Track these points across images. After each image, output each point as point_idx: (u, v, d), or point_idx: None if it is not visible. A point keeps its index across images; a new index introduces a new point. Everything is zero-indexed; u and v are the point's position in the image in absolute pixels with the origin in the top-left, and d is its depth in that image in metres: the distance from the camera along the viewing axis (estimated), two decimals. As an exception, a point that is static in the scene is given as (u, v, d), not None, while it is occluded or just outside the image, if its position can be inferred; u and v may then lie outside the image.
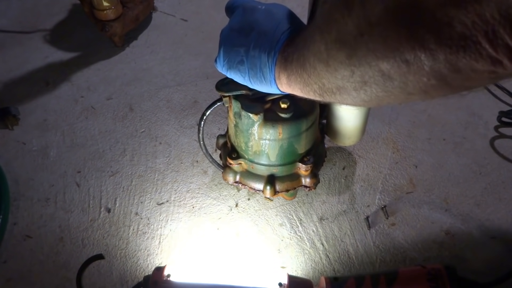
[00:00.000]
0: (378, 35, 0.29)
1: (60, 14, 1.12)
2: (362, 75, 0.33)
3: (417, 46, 0.27)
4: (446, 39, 0.25)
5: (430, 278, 0.53)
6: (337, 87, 0.37)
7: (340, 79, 0.36)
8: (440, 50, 0.26)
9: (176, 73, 0.96)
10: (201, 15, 1.10)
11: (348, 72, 0.34)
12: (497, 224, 0.68)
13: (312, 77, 0.40)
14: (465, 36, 0.24)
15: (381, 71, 0.31)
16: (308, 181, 0.65)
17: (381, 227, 0.69)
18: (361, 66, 0.33)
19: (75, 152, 0.81)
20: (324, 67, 0.37)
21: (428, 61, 0.27)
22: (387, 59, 0.30)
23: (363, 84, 0.34)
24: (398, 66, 0.30)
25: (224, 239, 0.68)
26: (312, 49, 0.38)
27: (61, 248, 0.68)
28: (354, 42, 0.32)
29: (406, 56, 0.28)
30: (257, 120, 0.57)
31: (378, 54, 0.30)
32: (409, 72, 0.29)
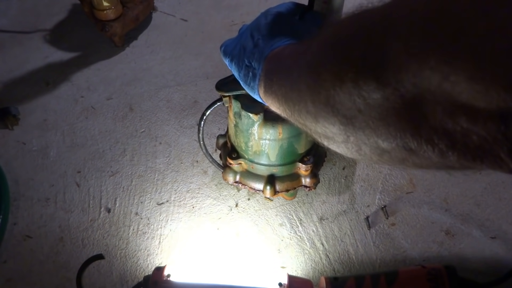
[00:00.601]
0: (378, 119, 0.26)
1: (60, 14, 1.12)
2: (358, 142, 0.29)
3: (424, 144, 0.24)
4: (461, 146, 0.22)
5: (430, 278, 0.53)
6: (325, 136, 0.33)
7: (330, 134, 0.32)
8: (452, 153, 0.23)
9: (176, 73, 0.96)
10: (201, 15, 1.10)
11: (343, 136, 0.30)
12: (497, 224, 0.68)
13: (295, 115, 0.35)
14: (483, 149, 0.22)
15: (379, 147, 0.28)
16: (308, 181, 0.65)
17: (381, 227, 0.69)
18: (357, 135, 0.29)
19: (75, 152, 0.81)
20: (312, 120, 0.32)
21: (436, 157, 0.24)
22: (388, 141, 0.26)
23: (357, 147, 0.30)
24: (399, 151, 0.26)
25: (224, 239, 0.68)
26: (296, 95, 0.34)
27: (61, 248, 0.68)
28: (350, 115, 0.27)
29: (410, 145, 0.25)
30: (257, 120, 0.57)
31: (378, 133, 0.27)
32: (412, 156, 0.26)
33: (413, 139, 0.24)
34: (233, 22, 1.07)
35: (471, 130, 0.21)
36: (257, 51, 0.45)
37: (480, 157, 0.22)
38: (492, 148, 0.21)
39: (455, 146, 0.23)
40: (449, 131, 0.22)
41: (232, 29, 1.04)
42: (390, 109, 0.24)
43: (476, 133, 0.21)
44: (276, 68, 0.41)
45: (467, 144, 0.22)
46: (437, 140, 0.23)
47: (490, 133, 0.21)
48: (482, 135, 0.21)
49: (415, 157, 0.26)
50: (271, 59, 0.42)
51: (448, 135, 0.22)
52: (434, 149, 0.24)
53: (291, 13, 0.51)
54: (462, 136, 0.22)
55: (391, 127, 0.25)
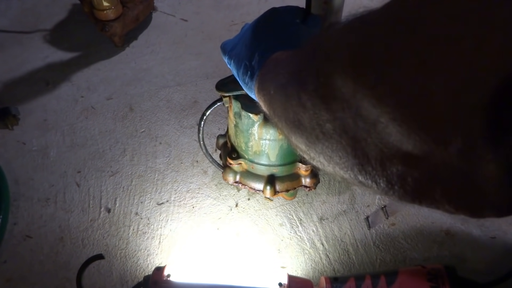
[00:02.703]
0: (332, 150, 0.26)
1: (60, 14, 1.12)
2: (321, 163, 0.30)
3: (370, 180, 0.25)
4: (398, 187, 0.23)
5: (430, 278, 0.53)
6: (299, 149, 0.33)
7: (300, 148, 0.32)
8: (393, 193, 0.24)
9: (176, 73, 0.96)
10: (201, 15, 1.10)
11: (308, 156, 0.31)
12: (497, 224, 0.68)
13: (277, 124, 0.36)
14: (419, 191, 0.22)
15: (339, 174, 0.28)
16: (308, 181, 0.65)
17: (381, 227, 0.69)
18: (319, 159, 0.29)
19: (75, 152, 0.81)
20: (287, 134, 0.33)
21: (382, 194, 0.25)
22: (343, 171, 0.27)
23: (322, 167, 0.31)
24: (353, 181, 0.27)
25: (224, 239, 0.68)
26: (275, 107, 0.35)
27: (61, 248, 0.68)
28: (311, 140, 0.28)
29: (359, 179, 0.26)
30: (257, 120, 0.57)
31: (334, 161, 0.27)
32: (365, 188, 0.27)
33: (360, 174, 0.25)
34: (233, 22, 1.07)
35: (406, 172, 0.22)
36: (258, 52, 0.45)
37: (418, 199, 0.23)
38: (426, 189, 0.22)
39: (394, 187, 0.23)
40: (387, 173, 0.23)
41: (232, 29, 1.04)
42: (339, 143, 0.25)
43: (410, 175, 0.22)
44: (269, 71, 0.41)
45: (404, 186, 0.23)
46: (379, 180, 0.24)
47: (423, 174, 0.21)
48: (415, 177, 0.22)
49: (368, 189, 0.27)
50: (270, 61, 0.43)
51: (387, 177, 0.23)
52: (378, 187, 0.24)
53: (294, 16, 0.51)
54: (398, 178, 0.22)
55: (342, 159, 0.26)
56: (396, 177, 0.23)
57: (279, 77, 0.35)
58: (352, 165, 0.25)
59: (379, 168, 0.23)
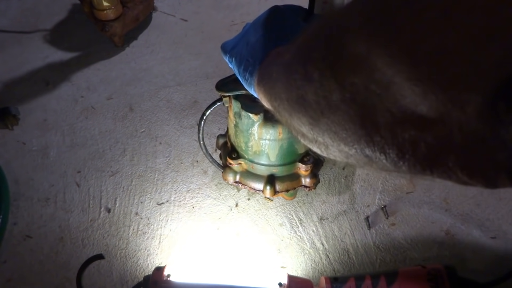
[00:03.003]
0: (337, 123, 0.26)
1: (60, 14, 1.12)
2: (325, 143, 0.29)
3: (378, 152, 0.24)
4: (410, 156, 0.22)
5: (430, 278, 0.53)
6: (301, 134, 0.33)
7: (303, 132, 0.32)
8: (403, 163, 0.23)
9: (176, 73, 0.96)
10: (201, 15, 1.10)
11: (311, 136, 0.30)
12: (497, 224, 0.68)
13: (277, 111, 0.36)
14: (432, 158, 0.21)
15: (343, 151, 0.28)
16: (308, 181, 0.65)
17: (381, 227, 0.69)
18: (324, 137, 0.29)
19: (75, 152, 0.81)
20: (288, 117, 0.33)
21: (390, 166, 0.24)
22: (348, 146, 0.26)
23: (325, 148, 0.30)
24: (359, 156, 0.26)
25: (224, 239, 0.68)
26: (276, 91, 0.34)
27: (61, 248, 0.68)
28: (316, 116, 0.28)
29: (366, 152, 0.25)
30: (257, 120, 0.57)
31: (339, 137, 0.26)
32: (371, 162, 0.26)
33: (367, 146, 0.24)
34: (233, 22, 1.07)
35: (419, 137, 0.21)
36: (259, 47, 0.45)
37: (430, 167, 0.22)
38: (439, 156, 0.21)
39: (404, 156, 0.22)
40: (398, 140, 0.22)
41: (232, 29, 1.04)
42: (347, 114, 0.24)
43: (424, 140, 0.21)
44: (269, 64, 0.41)
45: (416, 153, 0.22)
46: (388, 149, 0.23)
47: (437, 139, 0.20)
48: (429, 142, 0.21)
49: (374, 163, 0.26)
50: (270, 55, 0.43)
51: (398, 145, 0.22)
52: (387, 158, 0.23)
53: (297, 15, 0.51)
54: (410, 144, 0.22)
55: (348, 132, 0.25)
56: (408, 143, 0.22)
57: (282, 59, 0.34)
58: (359, 138, 0.24)
59: (389, 136, 0.22)
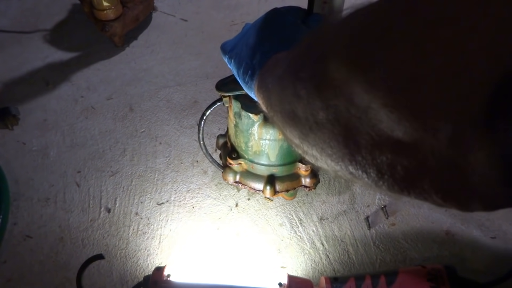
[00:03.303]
0: (323, 141, 0.26)
1: (60, 14, 1.12)
2: (314, 156, 0.30)
3: (360, 171, 0.25)
4: (388, 177, 0.23)
5: (430, 278, 0.53)
6: (294, 144, 0.34)
7: (294, 142, 0.32)
8: (383, 183, 0.24)
9: (176, 73, 0.96)
10: (201, 15, 1.10)
11: (301, 149, 0.31)
12: (497, 224, 0.68)
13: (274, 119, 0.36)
14: (408, 181, 0.22)
15: (331, 166, 0.28)
16: (308, 181, 0.65)
17: (381, 227, 0.69)
18: (312, 151, 0.29)
19: (75, 152, 0.81)
20: (282, 127, 0.33)
21: (372, 185, 0.25)
22: (334, 162, 0.27)
23: (315, 161, 0.31)
24: (344, 173, 0.27)
25: (224, 239, 0.68)
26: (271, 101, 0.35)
27: (61, 248, 0.68)
28: (305, 132, 0.28)
29: (350, 170, 0.26)
30: (257, 120, 0.57)
31: (326, 153, 0.27)
32: (355, 179, 0.27)
33: (350, 164, 0.25)
34: (233, 22, 1.07)
35: (395, 160, 0.22)
36: (259, 50, 0.45)
37: (407, 189, 0.22)
38: (415, 179, 0.21)
39: (383, 177, 0.23)
40: (377, 162, 0.23)
41: (232, 29, 1.04)
42: (331, 133, 0.25)
43: (400, 164, 0.21)
44: (269, 69, 0.42)
45: (393, 175, 0.22)
46: (369, 169, 0.24)
47: (412, 163, 0.21)
48: (405, 165, 0.21)
49: (358, 180, 0.26)
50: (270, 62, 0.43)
51: (377, 166, 0.23)
52: (368, 177, 0.24)
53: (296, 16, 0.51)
54: (388, 166, 0.22)
55: (334, 149, 0.26)
56: (386, 165, 0.22)
57: (277, 71, 0.35)
58: (343, 156, 0.25)
59: (369, 157, 0.23)
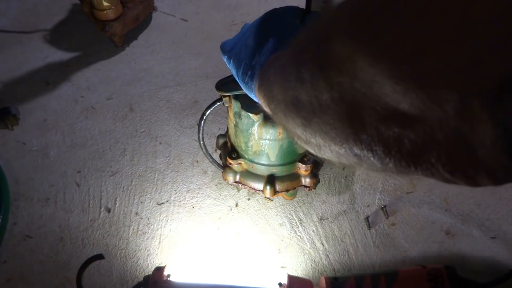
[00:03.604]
0: (328, 123, 0.26)
1: (60, 14, 1.12)
2: (317, 144, 0.30)
3: (365, 150, 0.24)
4: (395, 152, 0.23)
5: (430, 278, 0.53)
6: (296, 136, 0.33)
7: (298, 134, 0.32)
8: (389, 160, 0.23)
9: (176, 73, 0.96)
10: (201, 15, 1.10)
11: (304, 137, 0.31)
12: (497, 224, 0.68)
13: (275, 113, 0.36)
14: (415, 155, 0.22)
15: (334, 151, 0.28)
16: (308, 181, 0.65)
17: (381, 227, 0.69)
18: (316, 138, 0.29)
19: (75, 152, 0.81)
20: (284, 119, 0.33)
21: (378, 164, 0.25)
22: (338, 145, 0.27)
23: (318, 149, 0.30)
24: (349, 156, 0.27)
25: (224, 239, 0.68)
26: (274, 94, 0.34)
27: (61, 248, 0.68)
28: (308, 117, 0.28)
29: (355, 151, 0.25)
30: (257, 120, 0.57)
31: (329, 137, 0.27)
32: (361, 162, 0.26)
33: (355, 145, 0.25)
34: (233, 22, 1.07)
35: (402, 134, 0.21)
36: (258, 51, 0.45)
37: (414, 163, 0.22)
38: (422, 153, 0.21)
39: (390, 153, 0.23)
40: (383, 137, 0.23)
41: (232, 29, 1.04)
42: (335, 113, 0.25)
43: (407, 137, 0.21)
44: (269, 68, 0.42)
45: (400, 149, 0.22)
46: (375, 147, 0.23)
47: (419, 136, 0.21)
48: (412, 139, 0.21)
49: (363, 162, 0.26)
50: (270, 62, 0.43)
51: (383, 142, 0.23)
52: (374, 156, 0.24)
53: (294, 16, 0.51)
54: (395, 141, 0.22)
55: (338, 131, 0.26)
56: (392, 140, 0.22)
57: (278, 63, 0.35)
58: (348, 136, 0.25)
59: (375, 134, 0.23)
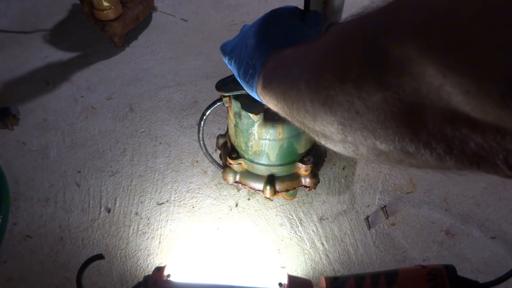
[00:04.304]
0: (376, 122, 0.25)
1: (60, 14, 1.12)
2: (355, 142, 0.29)
3: (422, 148, 0.24)
4: (458, 151, 0.22)
5: (430, 278, 0.53)
6: (323, 135, 0.32)
7: (328, 133, 0.31)
8: (450, 158, 0.23)
9: (176, 73, 0.96)
10: (201, 15, 1.10)
11: (340, 136, 0.30)
12: (497, 224, 0.68)
13: (293, 113, 0.35)
14: (480, 156, 0.21)
15: (377, 149, 0.27)
16: (308, 181, 0.65)
17: (381, 227, 0.69)
18: (355, 136, 0.28)
19: (75, 152, 0.81)
20: (311, 119, 0.32)
21: (434, 161, 0.24)
22: (386, 143, 0.26)
23: (354, 147, 0.30)
24: (397, 153, 0.26)
25: (224, 239, 0.68)
26: (295, 93, 0.33)
27: (61, 248, 0.68)
28: (348, 116, 0.27)
29: (408, 149, 0.25)
30: (257, 120, 0.57)
31: (375, 135, 0.26)
32: (409, 158, 0.26)
33: (411, 143, 0.24)
34: (233, 22, 1.07)
35: (469, 137, 0.21)
36: (259, 49, 0.45)
37: (477, 163, 0.22)
38: (488, 155, 0.21)
39: (452, 152, 0.23)
40: (447, 137, 0.22)
41: (232, 29, 1.04)
42: (388, 113, 0.24)
43: (474, 141, 0.21)
44: (276, 66, 0.41)
45: (464, 150, 0.22)
46: (435, 145, 0.23)
47: (487, 142, 0.21)
48: (479, 142, 0.21)
49: (412, 159, 0.26)
50: (272, 58, 0.43)
51: (446, 141, 0.22)
52: (432, 153, 0.24)
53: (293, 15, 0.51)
54: (460, 142, 0.22)
55: (389, 130, 0.25)
56: (457, 140, 0.22)
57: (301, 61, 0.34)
58: (403, 135, 0.24)
59: (438, 134, 0.22)
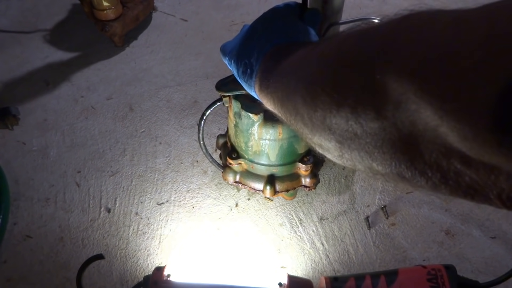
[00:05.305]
0: (374, 146, 0.25)
1: (60, 14, 1.12)
2: (352, 160, 0.29)
3: (418, 175, 0.24)
4: (453, 182, 0.23)
5: (430, 278, 0.53)
6: (320, 147, 0.32)
7: (326, 147, 0.31)
8: (445, 188, 0.23)
9: (176, 73, 0.96)
10: (201, 15, 1.10)
11: (338, 152, 0.30)
12: (497, 224, 0.68)
13: (291, 122, 0.35)
14: (475, 189, 0.22)
15: (374, 169, 0.27)
16: (308, 181, 0.65)
17: (381, 227, 0.69)
18: (352, 155, 0.28)
19: (75, 152, 0.81)
20: (309, 132, 0.32)
21: (429, 188, 0.24)
22: (383, 166, 0.26)
23: (351, 164, 0.30)
24: (393, 176, 0.26)
25: (224, 239, 0.68)
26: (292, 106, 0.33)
27: (61, 248, 0.68)
28: (346, 137, 0.27)
29: (404, 174, 0.25)
30: (257, 120, 0.57)
31: (372, 157, 0.26)
32: (405, 182, 0.26)
33: (407, 169, 0.25)
34: (233, 22, 1.07)
35: (464, 172, 0.22)
36: (257, 48, 0.45)
37: (471, 195, 0.23)
38: (483, 190, 0.22)
39: (447, 182, 0.23)
40: (443, 169, 0.22)
41: (232, 29, 1.04)
42: (386, 140, 0.24)
43: (469, 176, 0.22)
44: (273, 69, 0.40)
45: (459, 182, 0.22)
46: (431, 174, 0.23)
47: (482, 179, 0.21)
48: (474, 178, 0.21)
49: (408, 184, 0.26)
50: (269, 57, 0.42)
51: (442, 172, 0.23)
52: (428, 181, 0.24)
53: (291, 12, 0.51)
54: (454, 174, 0.22)
55: (386, 155, 0.25)
56: (453, 173, 0.22)
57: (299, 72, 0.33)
58: (399, 161, 0.24)
59: (433, 164, 0.23)
